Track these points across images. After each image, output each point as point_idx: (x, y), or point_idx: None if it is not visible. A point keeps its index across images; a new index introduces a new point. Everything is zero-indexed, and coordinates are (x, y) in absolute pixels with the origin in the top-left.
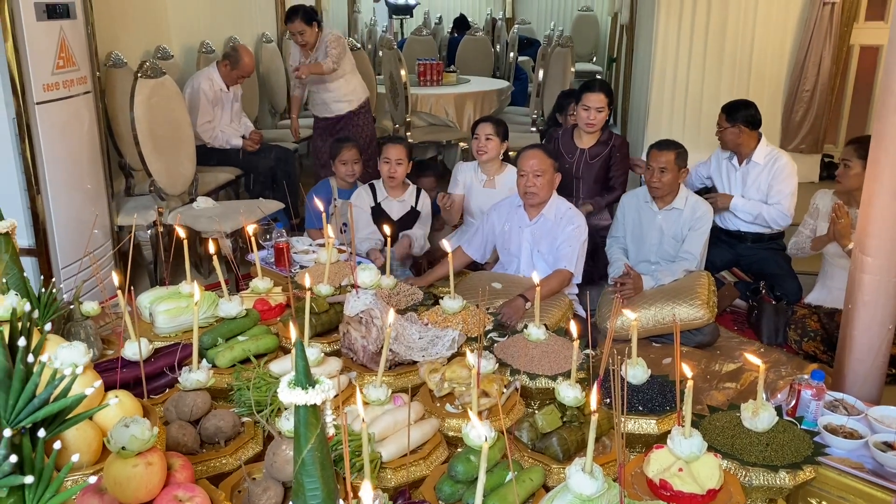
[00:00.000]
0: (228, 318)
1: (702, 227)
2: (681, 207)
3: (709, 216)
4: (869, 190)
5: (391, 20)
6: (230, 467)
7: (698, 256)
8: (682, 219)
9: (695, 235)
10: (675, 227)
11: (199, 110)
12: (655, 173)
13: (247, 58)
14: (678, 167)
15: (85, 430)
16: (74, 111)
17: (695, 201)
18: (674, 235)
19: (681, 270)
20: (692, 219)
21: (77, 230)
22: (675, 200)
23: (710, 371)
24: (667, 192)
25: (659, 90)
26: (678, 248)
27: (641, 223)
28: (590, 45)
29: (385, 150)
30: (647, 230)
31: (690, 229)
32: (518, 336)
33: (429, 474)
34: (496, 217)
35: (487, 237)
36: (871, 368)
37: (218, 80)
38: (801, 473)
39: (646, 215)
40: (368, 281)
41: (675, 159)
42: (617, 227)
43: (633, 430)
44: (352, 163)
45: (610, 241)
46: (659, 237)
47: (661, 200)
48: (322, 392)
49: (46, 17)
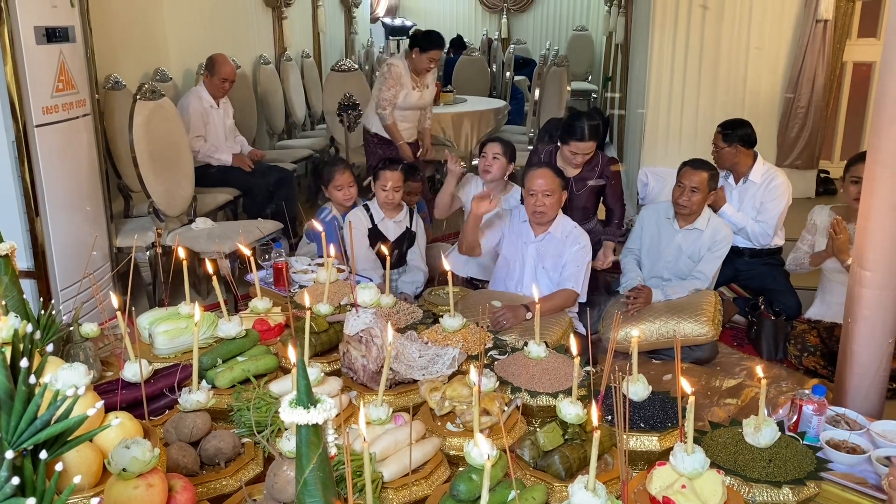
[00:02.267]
0: (228, 338)
1: (720, 251)
2: (702, 228)
3: (728, 240)
4: (866, 205)
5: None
6: (231, 489)
7: (710, 278)
8: (702, 240)
9: (711, 257)
10: (694, 248)
11: (191, 126)
12: (686, 192)
13: (222, 62)
14: (709, 188)
15: (85, 451)
16: (74, 134)
17: (717, 223)
18: (691, 255)
19: (691, 289)
20: (712, 241)
21: (76, 252)
22: (698, 221)
23: (711, 387)
24: (693, 212)
25: (654, 108)
26: (692, 267)
27: (661, 239)
28: (585, 65)
29: (382, 177)
30: (665, 247)
31: (709, 251)
32: (518, 354)
33: (431, 494)
34: (509, 222)
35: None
36: (872, 383)
37: (206, 96)
38: (804, 489)
39: (665, 232)
40: (368, 300)
41: (709, 180)
42: (633, 239)
43: (635, 446)
44: (347, 186)
45: (625, 251)
46: (676, 255)
47: (683, 219)
48: (324, 411)
49: (46, 40)
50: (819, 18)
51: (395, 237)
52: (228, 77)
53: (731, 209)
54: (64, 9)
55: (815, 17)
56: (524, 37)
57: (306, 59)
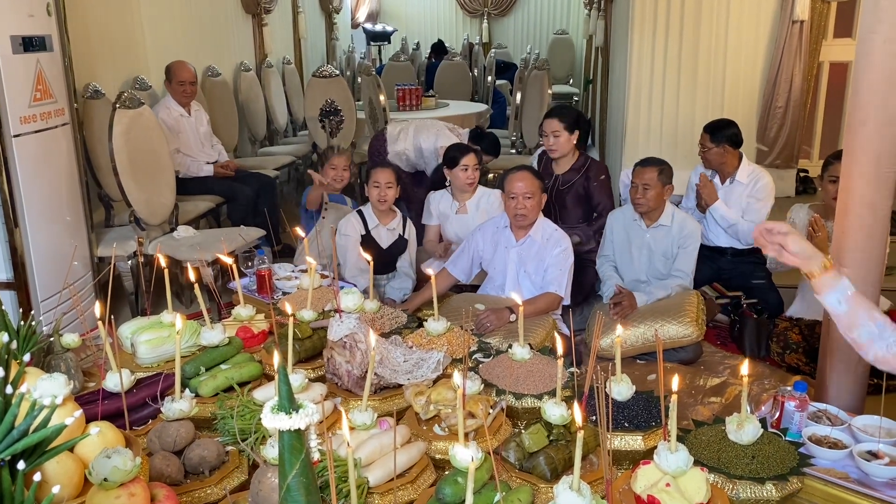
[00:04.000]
0: (211, 346)
1: (690, 245)
2: (668, 224)
3: (696, 233)
4: (843, 202)
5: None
6: (215, 497)
7: (690, 273)
8: (671, 236)
9: (684, 254)
10: (664, 244)
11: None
12: (639, 190)
13: (178, 66)
14: (662, 184)
15: (66, 462)
16: (52, 143)
17: (682, 218)
18: (663, 253)
19: (674, 286)
20: (680, 236)
21: (56, 262)
22: (662, 217)
23: (695, 386)
24: (651, 209)
25: (635, 110)
26: (669, 266)
27: (630, 241)
28: (566, 68)
29: (374, 175)
30: (635, 248)
31: (680, 248)
32: (503, 356)
33: (416, 498)
34: (481, 238)
35: (473, 258)
36: (853, 379)
37: (174, 105)
38: (787, 485)
39: (634, 233)
40: (352, 305)
41: (658, 176)
42: (606, 245)
43: (620, 446)
44: (340, 169)
45: (600, 259)
46: (648, 255)
47: (647, 217)
48: (306, 416)
49: (23, 49)
50: (795, 19)
51: (388, 244)
52: (186, 79)
53: (723, 206)
54: (41, 17)
55: (792, 17)
56: (505, 41)
57: (287, 65)
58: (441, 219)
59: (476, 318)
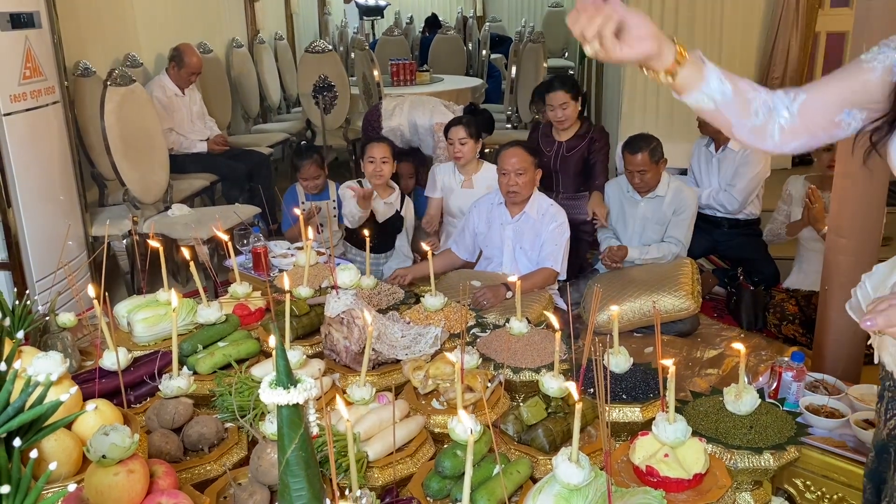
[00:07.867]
0: (208, 324)
1: (685, 212)
2: (663, 194)
3: (692, 201)
4: (840, 171)
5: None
6: (215, 473)
7: (683, 241)
8: (665, 204)
9: (678, 221)
10: (658, 214)
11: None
12: (636, 177)
13: (191, 54)
14: (655, 162)
15: (64, 440)
16: (43, 122)
17: (677, 186)
18: (657, 221)
19: (667, 252)
20: (675, 204)
21: (51, 242)
22: (658, 188)
23: (692, 358)
24: (652, 188)
25: (631, 83)
26: (661, 233)
27: (624, 212)
28: (561, 41)
29: (369, 150)
30: (629, 219)
31: (674, 214)
32: (500, 330)
33: (416, 471)
34: (476, 215)
35: (475, 235)
36: (850, 349)
37: (170, 85)
38: (785, 454)
39: (629, 203)
40: (348, 281)
41: (650, 158)
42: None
43: (618, 418)
44: (312, 178)
45: (599, 230)
46: (642, 224)
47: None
48: (304, 391)
49: (10, 26)
50: None
51: (385, 218)
52: (196, 70)
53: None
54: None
55: None
56: (499, 14)
57: (280, 41)
58: (445, 192)
59: (473, 296)
